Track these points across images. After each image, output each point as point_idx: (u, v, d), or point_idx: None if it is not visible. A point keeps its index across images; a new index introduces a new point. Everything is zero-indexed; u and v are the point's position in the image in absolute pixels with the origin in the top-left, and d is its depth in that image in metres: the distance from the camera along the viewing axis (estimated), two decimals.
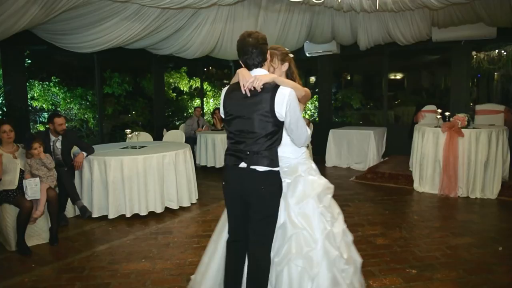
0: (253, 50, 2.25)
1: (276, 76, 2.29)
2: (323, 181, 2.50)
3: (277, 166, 2.30)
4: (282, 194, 2.39)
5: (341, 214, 2.57)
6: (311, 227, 2.35)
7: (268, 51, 2.34)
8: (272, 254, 2.38)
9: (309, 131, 2.39)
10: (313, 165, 2.59)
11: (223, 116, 2.43)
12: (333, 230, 2.41)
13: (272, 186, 2.29)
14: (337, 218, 2.49)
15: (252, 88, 2.20)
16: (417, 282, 3.08)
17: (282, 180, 2.38)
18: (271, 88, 2.20)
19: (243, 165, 2.27)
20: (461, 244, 3.84)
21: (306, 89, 2.47)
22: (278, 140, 2.31)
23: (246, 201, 2.32)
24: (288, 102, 2.17)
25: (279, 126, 2.25)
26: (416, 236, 4.08)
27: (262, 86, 2.19)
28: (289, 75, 2.55)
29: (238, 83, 2.29)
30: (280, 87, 2.20)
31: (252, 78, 2.21)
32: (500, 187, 5.42)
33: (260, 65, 2.30)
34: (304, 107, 2.65)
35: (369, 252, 3.63)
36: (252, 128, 2.23)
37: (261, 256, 2.33)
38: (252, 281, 2.35)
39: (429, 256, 3.55)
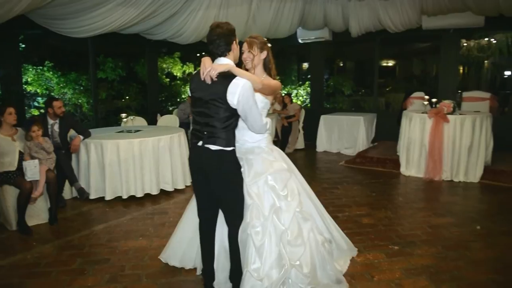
0: (217, 40, 2.42)
1: (232, 66, 2.43)
2: (278, 163, 2.70)
3: (231, 146, 2.49)
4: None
5: (299, 197, 2.73)
6: (261, 203, 2.58)
7: (234, 42, 2.49)
8: None
9: (264, 120, 2.59)
10: (274, 149, 2.79)
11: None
12: (283, 207, 2.61)
13: (225, 163, 2.49)
14: (291, 200, 2.66)
15: (209, 76, 2.37)
16: (398, 257, 3.30)
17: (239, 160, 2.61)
18: (227, 78, 2.36)
19: (200, 143, 2.49)
20: (442, 223, 4.06)
21: (274, 81, 2.67)
22: (233, 124, 2.50)
23: (205, 175, 2.53)
24: (241, 92, 2.33)
25: (232, 112, 2.43)
26: (400, 216, 4.30)
27: (217, 75, 2.35)
28: (267, 63, 2.75)
29: None
30: (236, 77, 2.36)
31: (209, 67, 2.38)
32: (483, 171, 5.64)
33: (223, 54, 2.46)
34: (275, 97, 2.84)
35: (355, 230, 3.85)
36: (209, 111, 2.43)
37: (233, 225, 2.58)
38: (232, 254, 2.61)
39: (411, 234, 3.77)
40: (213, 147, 2.45)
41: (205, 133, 2.47)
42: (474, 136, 5.60)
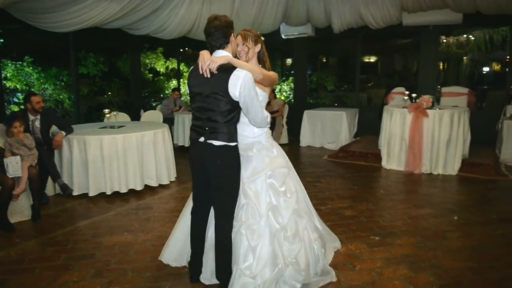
0: (215, 32, 2.41)
1: (231, 58, 2.43)
2: (278, 160, 2.70)
3: (234, 141, 2.49)
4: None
5: (297, 194, 2.76)
6: (258, 201, 2.59)
7: (232, 35, 2.50)
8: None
9: (266, 113, 2.59)
10: (274, 145, 2.78)
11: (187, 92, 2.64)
12: (280, 205, 2.63)
13: (227, 159, 2.49)
14: (290, 196, 2.68)
15: (209, 70, 2.37)
16: (379, 247, 3.40)
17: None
18: (227, 70, 2.36)
19: (201, 139, 2.49)
20: (421, 214, 4.19)
21: (272, 72, 2.67)
22: (235, 118, 2.50)
23: (206, 172, 2.54)
24: (243, 84, 2.33)
25: (234, 105, 2.43)
26: (381, 208, 4.41)
27: (217, 67, 2.36)
28: (261, 56, 2.76)
29: None
30: (237, 69, 2.37)
31: (209, 60, 2.38)
32: (461, 164, 5.82)
33: (222, 47, 2.46)
34: (271, 91, 2.84)
35: (338, 222, 3.94)
36: (209, 105, 2.43)
37: (224, 224, 2.58)
38: (218, 247, 2.63)
39: (392, 225, 3.89)
40: (216, 143, 2.44)
41: (207, 128, 2.45)
42: (452, 130, 5.76)
